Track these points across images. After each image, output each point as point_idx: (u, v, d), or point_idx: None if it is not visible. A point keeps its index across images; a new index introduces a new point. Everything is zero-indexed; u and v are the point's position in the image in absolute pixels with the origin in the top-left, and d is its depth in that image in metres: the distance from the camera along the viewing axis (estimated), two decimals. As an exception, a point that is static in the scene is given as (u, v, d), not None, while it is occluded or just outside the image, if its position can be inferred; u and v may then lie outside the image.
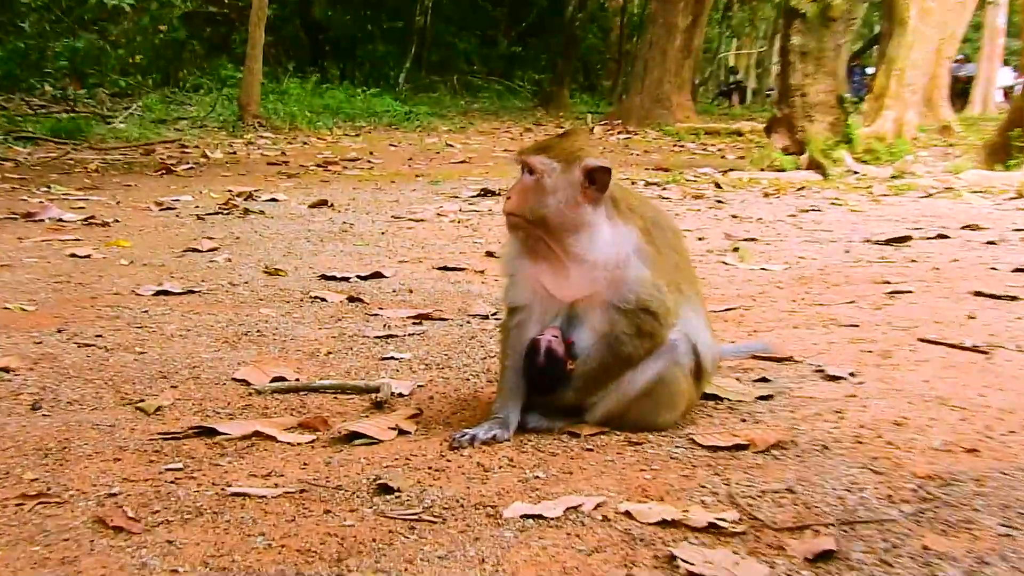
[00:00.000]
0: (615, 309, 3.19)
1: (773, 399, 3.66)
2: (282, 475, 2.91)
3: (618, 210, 3.24)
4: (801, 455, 3.07)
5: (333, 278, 6.06)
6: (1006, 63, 36.27)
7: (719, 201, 10.58)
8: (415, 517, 2.59)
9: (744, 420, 3.43)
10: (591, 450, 3.12)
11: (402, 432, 3.29)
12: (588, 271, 3.20)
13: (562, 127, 23.60)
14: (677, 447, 3.14)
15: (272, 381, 3.88)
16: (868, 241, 7.73)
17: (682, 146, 20.42)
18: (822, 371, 4.03)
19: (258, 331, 4.72)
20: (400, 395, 3.72)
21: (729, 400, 3.64)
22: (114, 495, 2.73)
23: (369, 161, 15.62)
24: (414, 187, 11.91)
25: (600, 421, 3.29)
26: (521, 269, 3.33)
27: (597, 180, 3.17)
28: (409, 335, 4.69)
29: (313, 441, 3.23)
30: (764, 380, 3.92)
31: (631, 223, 3.23)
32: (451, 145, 19.29)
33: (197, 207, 9.57)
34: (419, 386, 3.86)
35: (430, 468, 2.95)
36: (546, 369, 3.20)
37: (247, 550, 2.41)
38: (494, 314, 5.04)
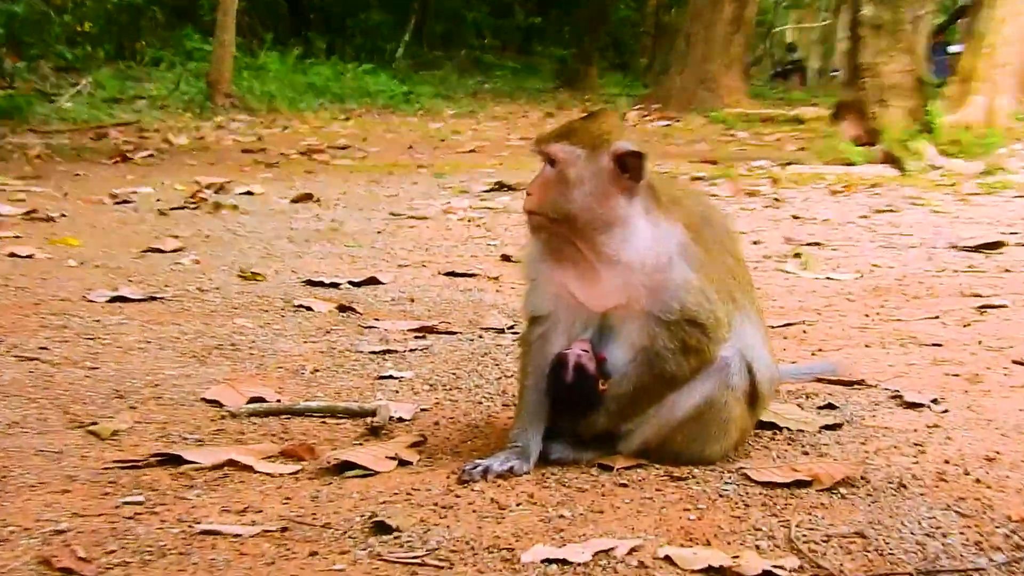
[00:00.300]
0: (655, 320, 3.18)
1: (841, 429, 3.67)
2: (260, 511, 2.92)
3: (658, 203, 3.23)
4: (873, 494, 3.07)
5: (320, 284, 6.09)
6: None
7: (777, 199, 10.58)
8: (417, 561, 2.60)
9: (807, 453, 3.44)
10: (625, 485, 3.13)
11: (403, 463, 3.30)
12: (623, 275, 3.20)
13: (589, 111, 23.59)
14: (727, 483, 3.15)
15: (248, 403, 3.91)
16: (954, 247, 7.72)
17: (732, 135, 20.41)
18: (899, 397, 4.04)
19: (232, 344, 4.75)
20: (400, 420, 3.74)
21: (789, 429, 3.65)
22: (62, 532, 2.75)
23: (362, 149, 15.69)
24: (415, 180, 11.95)
25: (637, 451, 3.30)
26: (544, 273, 3.33)
27: (630, 167, 3.16)
28: (411, 351, 4.71)
29: (297, 472, 3.24)
30: (830, 407, 3.92)
31: (674, 218, 3.22)
32: (458, 132, 19.34)
33: (159, 201, 9.63)
34: (423, 409, 3.88)
35: (435, 504, 2.96)
36: (574, 388, 3.20)
37: (220, 596, 2.44)
38: (511, 327, 5.06)
